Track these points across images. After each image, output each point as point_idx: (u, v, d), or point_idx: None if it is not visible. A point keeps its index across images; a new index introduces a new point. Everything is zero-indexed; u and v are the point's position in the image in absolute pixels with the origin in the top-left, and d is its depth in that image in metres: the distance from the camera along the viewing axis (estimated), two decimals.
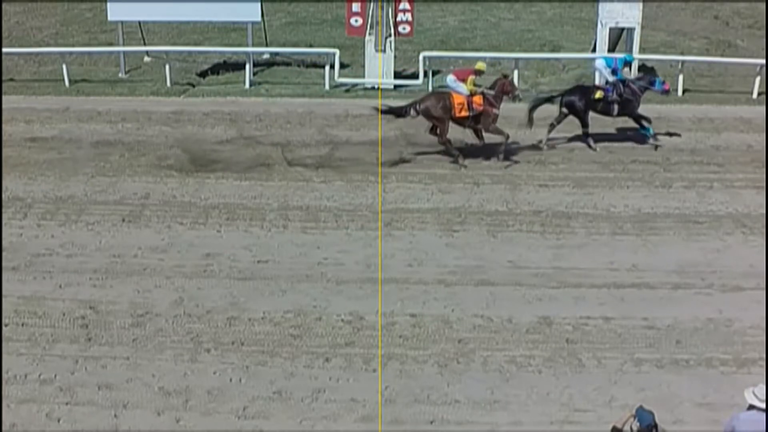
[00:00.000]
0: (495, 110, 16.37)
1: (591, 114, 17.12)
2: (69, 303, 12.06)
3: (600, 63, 18.00)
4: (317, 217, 14.49)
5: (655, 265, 13.08)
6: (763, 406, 7.72)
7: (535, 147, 17.01)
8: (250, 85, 20.96)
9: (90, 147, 17.29)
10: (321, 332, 11.48)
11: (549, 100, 17.34)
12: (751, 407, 7.83)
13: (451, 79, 16.62)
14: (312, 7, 26.76)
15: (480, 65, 16.78)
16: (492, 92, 16.40)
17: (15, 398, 10.20)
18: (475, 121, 16.42)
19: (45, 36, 24.19)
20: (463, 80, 16.38)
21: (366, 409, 10.11)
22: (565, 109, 17.10)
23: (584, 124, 17.14)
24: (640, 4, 20.68)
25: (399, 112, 16.64)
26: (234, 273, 12.87)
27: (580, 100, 17.02)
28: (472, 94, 16.26)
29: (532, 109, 17.00)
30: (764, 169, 16.01)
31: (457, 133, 16.70)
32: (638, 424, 7.82)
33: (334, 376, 10.65)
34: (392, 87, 20.66)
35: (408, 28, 20.85)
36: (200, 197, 15.16)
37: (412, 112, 16.49)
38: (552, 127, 17.11)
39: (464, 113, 16.28)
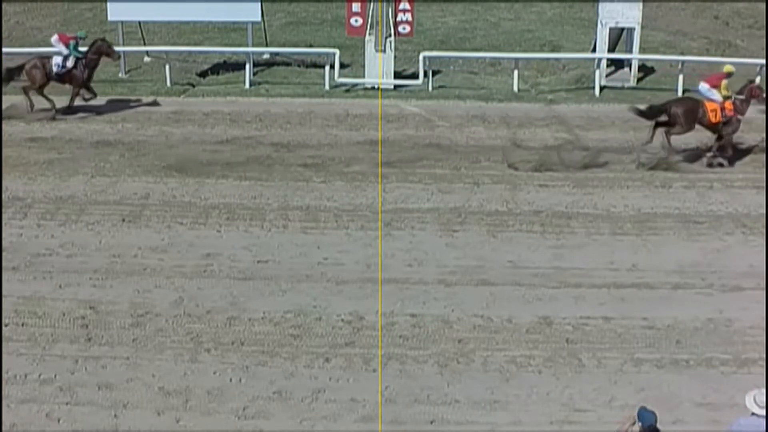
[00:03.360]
0: (740, 115, 16.52)
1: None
2: (69, 303, 12.06)
3: None
4: (317, 217, 14.49)
5: (655, 265, 13.07)
6: (763, 413, 7.69)
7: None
8: (250, 85, 20.96)
9: (90, 147, 17.30)
10: (321, 332, 11.47)
11: None
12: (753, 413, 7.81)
13: (704, 87, 16.69)
14: (312, 7, 26.74)
15: (728, 68, 16.96)
16: (742, 97, 16.52)
17: (15, 398, 10.19)
18: (726, 125, 16.51)
19: (45, 36, 24.06)
20: (716, 86, 16.52)
21: (366, 409, 10.10)
22: None
23: None
24: (640, 4, 20.69)
25: (653, 114, 16.60)
26: (234, 273, 12.87)
27: None
28: (724, 99, 16.40)
29: None
30: (764, 169, 16.02)
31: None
32: (640, 425, 7.80)
33: (334, 376, 10.64)
34: (392, 87, 20.65)
35: (408, 28, 20.85)
36: (200, 197, 15.16)
37: (664, 114, 16.52)
38: None
39: (718, 119, 16.40)
